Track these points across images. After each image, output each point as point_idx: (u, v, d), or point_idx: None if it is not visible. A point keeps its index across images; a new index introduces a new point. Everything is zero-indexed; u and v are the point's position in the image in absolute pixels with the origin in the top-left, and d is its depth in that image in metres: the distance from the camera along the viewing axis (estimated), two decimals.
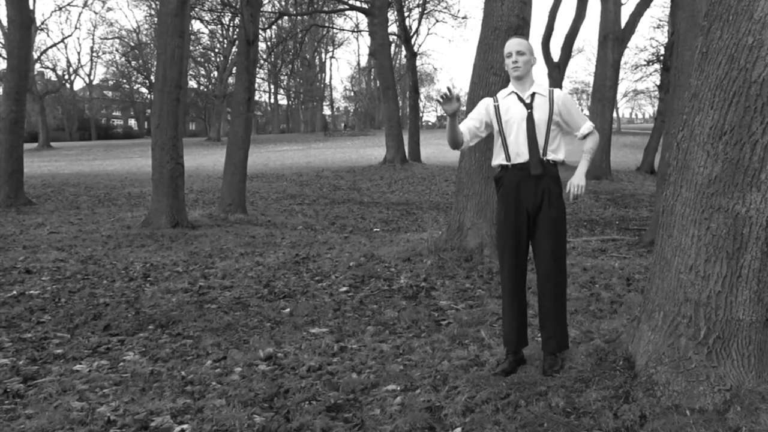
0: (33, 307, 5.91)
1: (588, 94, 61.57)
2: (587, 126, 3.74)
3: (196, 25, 46.07)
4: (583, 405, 3.23)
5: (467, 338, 4.70)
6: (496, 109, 3.75)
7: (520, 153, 3.66)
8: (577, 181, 3.64)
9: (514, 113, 3.68)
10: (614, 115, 32.26)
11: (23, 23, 15.11)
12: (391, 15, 30.68)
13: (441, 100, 3.52)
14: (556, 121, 3.70)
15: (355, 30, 46.68)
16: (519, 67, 3.65)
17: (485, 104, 3.82)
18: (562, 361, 3.69)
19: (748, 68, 3.03)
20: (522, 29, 7.56)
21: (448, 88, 3.52)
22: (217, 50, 51.66)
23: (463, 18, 58.71)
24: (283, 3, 42.61)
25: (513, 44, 3.69)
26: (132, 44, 56.11)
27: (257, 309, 5.84)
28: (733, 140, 3.07)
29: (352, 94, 77.30)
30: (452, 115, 3.58)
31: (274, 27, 44.79)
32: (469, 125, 3.80)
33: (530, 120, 3.64)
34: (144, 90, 65.64)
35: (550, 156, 3.67)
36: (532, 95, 3.69)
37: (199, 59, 52.82)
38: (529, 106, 3.67)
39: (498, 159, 3.76)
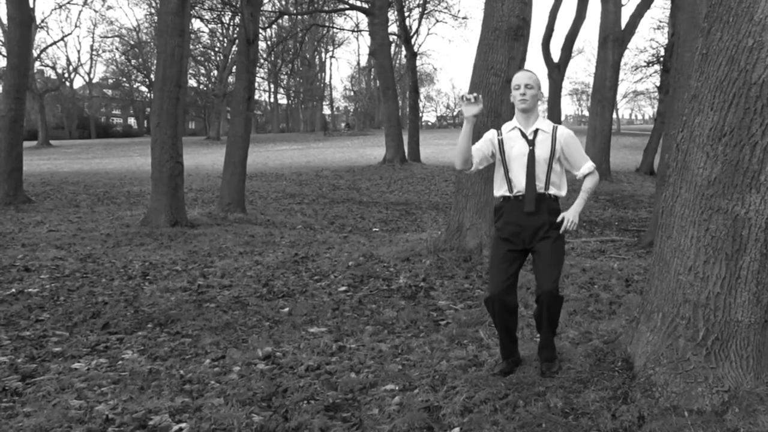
0: (32, 305, 5.91)
1: (588, 95, 61.61)
2: (588, 166, 3.73)
3: (196, 23, 46.11)
4: (582, 405, 3.23)
5: (466, 338, 4.70)
6: (500, 142, 3.74)
7: (521, 185, 3.67)
8: (571, 217, 3.62)
9: (517, 149, 3.68)
10: (614, 116, 32.27)
11: (23, 21, 15.09)
12: (392, 15, 30.67)
13: (466, 100, 3.55)
14: (558, 158, 3.69)
15: (355, 30, 46.67)
16: (527, 100, 3.64)
17: (491, 136, 3.80)
18: (560, 363, 3.70)
19: (748, 70, 3.03)
20: (522, 30, 7.56)
21: (475, 96, 3.56)
22: (217, 49, 51.66)
23: (463, 18, 58.83)
24: (283, 2, 42.62)
25: (523, 77, 3.66)
26: (132, 43, 56.08)
27: (256, 308, 5.84)
28: (732, 142, 3.08)
29: (352, 93, 77.29)
30: (472, 118, 3.59)
31: (274, 26, 44.80)
32: (481, 148, 3.79)
33: (531, 157, 3.64)
34: (144, 89, 65.64)
35: (552, 191, 3.67)
36: (535, 131, 3.68)
37: (199, 58, 52.80)
38: (531, 143, 3.66)
39: (501, 190, 3.76)
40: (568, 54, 27.23)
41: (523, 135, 3.68)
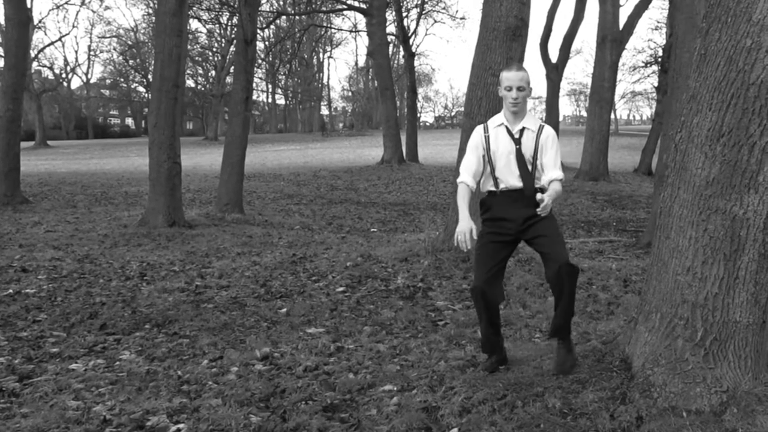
0: (29, 306, 5.90)
1: (586, 96, 61.64)
2: (555, 174, 3.63)
3: (194, 24, 45.98)
4: (580, 406, 3.23)
5: (464, 339, 4.69)
6: (486, 139, 3.75)
7: (508, 182, 3.68)
8: (548, 201, 3.50)
9: (502, 146, 3.68)
10: (612, 116, 32.29)
11: (21, 21, 15.07)
12: (390, 15, 30.69)
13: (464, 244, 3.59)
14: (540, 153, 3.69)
15: (353, 30, 46.65)
16: (518, 103, 3.64)
17: (478, 136, 3.78)
18: (574, 360, 3.61)
19: (746, 70, 3.03)
20: (520, 30, 7.56)
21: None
22: (214, 49, 51.63)
23: (461, 19, 58.95)
24: (281, 2, 42.62)
25: (515, 78, 3.61)
26: (130, 43, 56.02)
27: (254, 309, 5.83)
28: (730, 142, 3.08)
29: (350, 94, 77.29)
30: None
31: (272, 26, 44.77)
32: (474, 171, 3.77)
33: (519, 155, 3.65)
34: (141, 89, 65.57)
35: (539, 183, 3.68)
36: (522, 130, 3.67)
37: (196, 58, 52.78)
38: (517, 142, 3.66)
39: (486, 186, 3.79)
40: (566, 54, 27.24)
41: (510, 133, 3.68)
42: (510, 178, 3.68)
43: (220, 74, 48.20)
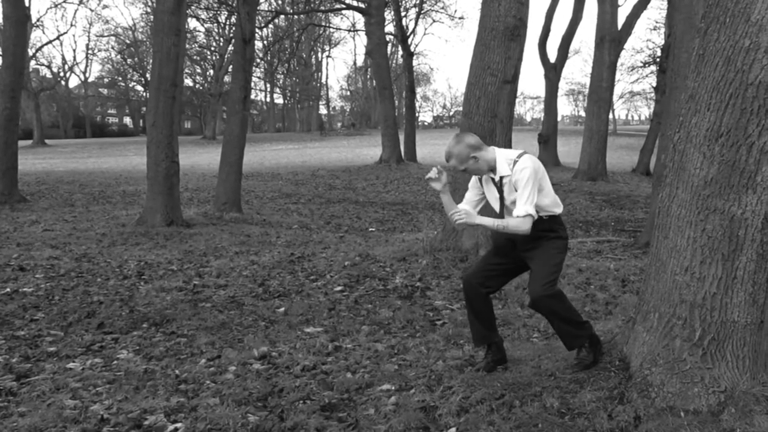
0: (26, 305, 5.89)
1: (584, 96, 61.66)
2: (521, 210, 3.49)
3: (192, 23, 45.95)
4: (578, 406, 3.23)
5: (462, 338, 4.69)
6: (480, 181, 3.76)
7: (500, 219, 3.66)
8: (465, 216, 3.53)
9: (490, 193, 3.69)
10: (610, 116, 32.31)
11: (19, 20, 15.05)
12: (388, 15, 30.70)
13: (429, 180, 3.63)
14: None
15: (352, 29, 46.62)
16: (470, 172, 3.65)
17: (474, 179, 3.80)
18: (594, 355, 3.59)
19: (744, 70, 3.03)
20: (519, 30, 7.56)
21: (438, 169, 3.61)
22: (213, 48, 51.58)
23: (459, 18, 58.91)
24: (279, 2, 42.62)
25: (448, 159, 3.64)
26: (128, 42, 55.98)
27: (252, 308, 5.83)
28: (729, 142, 3.08)
29: (349, 93, 77.27)
30: (441, 191, 3.66)
31: (270, 26, 44.69)
32: (470, 198, 3.79)
33: (502, 203, 3.63)
34: (139, 88, 65.53)
35: (542, 214, 3.60)
36: (501, 179, 3.59)
37: (195, 57, 52.74)
38: (500, 191, 3.62)
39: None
40: (565, 54, 27.27)
41: (494, 182, 3.64)
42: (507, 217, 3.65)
43: (218, 73, 48.15)
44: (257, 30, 29.21)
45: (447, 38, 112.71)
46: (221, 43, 48.19)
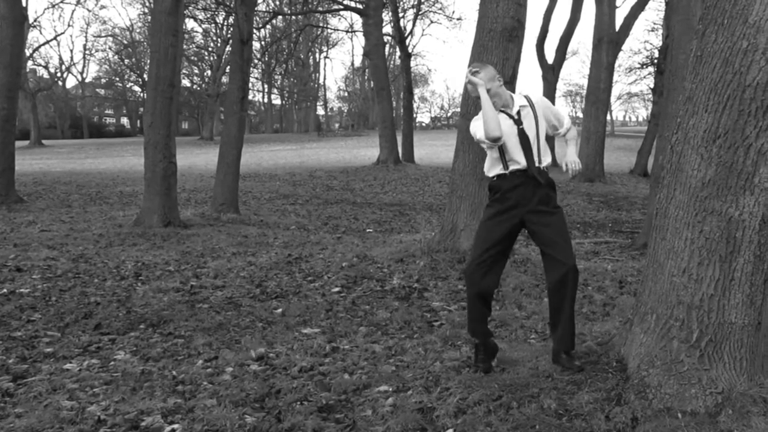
0: (23, 306, 5.87)
1: (582, 97, 61.72)
2: (568, 120, 4.02)
3: (189, 23, 45.94)
4: (575, 407, 3.23)
5: (460, 339, 4.69)
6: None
7: (516, 161, 3.76)
8: (572, 158, 3.88)
9: (506, 128, 3.76)
10: (608, 117, 32.36)
11: (16, 20, 15.02)
12: (386, 16, 30.73)
13: (472, 74, 3.82)
14: (543, 124, 3.85)
15: (350, 30, 46.72)
16: (495, 102, 3.81)
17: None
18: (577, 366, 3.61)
19: (742, 72, 3.03)
20: (517, 31, 7.56)
21: (475, 70, 3.82)
22: (210, 49, 51.57)
23: (457, 19, 58.84)
24: (277, 2, 42.61)
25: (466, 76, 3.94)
26: (125, 42, 55.92)
27: (249, 309, 5.82)
28: (726, 144, 3.08)
29: (346, 94, 77.27)
30: (484, 85, 3.78)
31: (268, 26, 44.74)
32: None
33: (522, 135, 3.76)
34: (137, 88, 65.47)
35: (544, 162, 3.80)
36: (519, 111, 3.82)
37: (192, 58, 52.69)
38: (518, 122, 3.78)
39: (494, 170, 3.84)
40: (563, 55, 27.31)
41: (509, 116, 3.80)
42: (518, 157, 3.75)
43: (216, 74, 48.14)
44: (255, 31, 29.21)
45: (445, 39, 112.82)
46: (219, 44, 48.19)
